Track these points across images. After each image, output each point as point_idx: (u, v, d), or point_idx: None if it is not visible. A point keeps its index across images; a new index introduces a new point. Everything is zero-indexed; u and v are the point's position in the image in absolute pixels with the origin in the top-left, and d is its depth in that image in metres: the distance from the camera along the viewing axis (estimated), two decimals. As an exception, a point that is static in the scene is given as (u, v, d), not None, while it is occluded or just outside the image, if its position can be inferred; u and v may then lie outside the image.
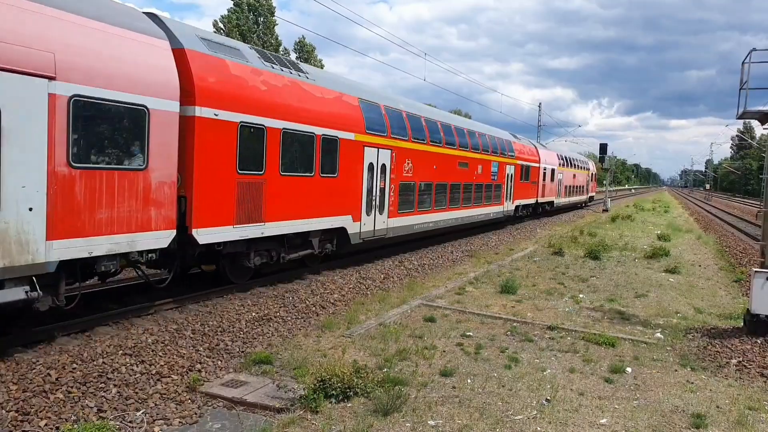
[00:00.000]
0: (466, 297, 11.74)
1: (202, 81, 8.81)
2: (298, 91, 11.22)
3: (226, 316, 8.93)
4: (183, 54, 8.63)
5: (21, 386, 5.86)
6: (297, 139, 11.01)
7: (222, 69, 9.35)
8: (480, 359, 7.84)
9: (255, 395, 6.32)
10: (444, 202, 18.81)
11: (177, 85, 8.21)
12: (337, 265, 13.68)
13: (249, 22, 47.99)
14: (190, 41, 8.93)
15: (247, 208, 9.81)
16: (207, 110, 8.87)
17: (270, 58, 11.11)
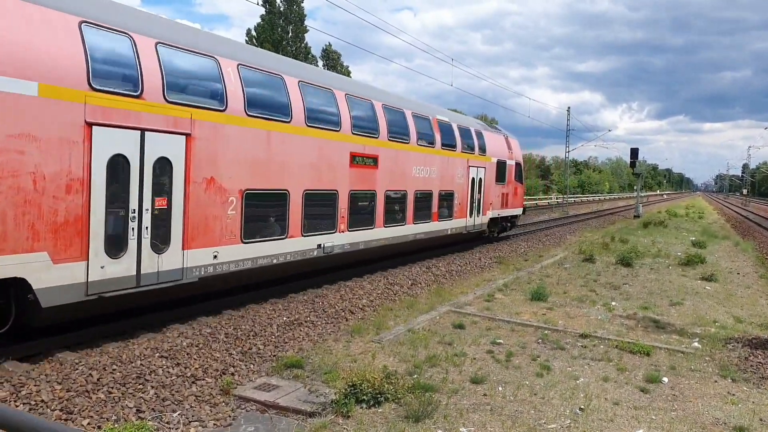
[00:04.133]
0: (495, 304, 11.66)
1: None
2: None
3: (258, 320, 9.07)
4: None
5: (65, 386, 6.06)
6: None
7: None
8: (511, 367, 7.78)
9: (287, 399, 6.40)
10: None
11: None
12: (365, 271, 13.74)
13: (280, 31, 48.78)
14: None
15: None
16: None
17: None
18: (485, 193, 19.77)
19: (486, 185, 19.82)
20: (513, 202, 22.74)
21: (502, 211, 21.74)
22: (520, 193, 23.58)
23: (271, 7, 48.69)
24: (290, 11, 49.49)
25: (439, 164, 16.35)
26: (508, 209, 22.46)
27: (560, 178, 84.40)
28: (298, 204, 10.78)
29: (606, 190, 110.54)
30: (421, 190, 15.42)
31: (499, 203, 21.16)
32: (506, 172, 21.75)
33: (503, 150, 21.70)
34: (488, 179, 20.01)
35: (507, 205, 22.17)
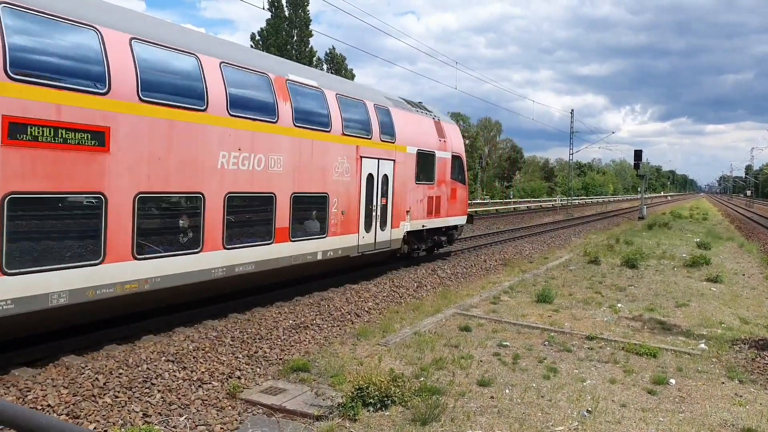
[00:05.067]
0: (501, 306, 11.63)
1: None
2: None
3: (264, 323, 9.07)
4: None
5: (71, 390, 6.07)
6: None
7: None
8: (518, 369, 7.75)
9: (293, 402, 6.39)
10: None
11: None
12: (372, 274, 13.73)
13: (285, 35, 48.98)
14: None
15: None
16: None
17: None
18: (396, 196, 13.79)
19: (398, 185, 13.86)
20: (449, 209, 16.79)
21: (430, 220, 15.53)
22: (462, 197, 17.71)
23: (277, 11, 48.88)
24: (296, 16, 49.69)
25: (289, 151, 10.31)
26: (441, 218, 16.22)
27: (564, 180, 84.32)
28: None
29: (610, 192, 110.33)
30: (244, 193, 9.42)
31: (423, 210, 15.12)
32: (435, 168, 15.75)
33: (430, 137, 15.64)
34: (402, 177, 14.06)
35: (438, 212, 16.02)
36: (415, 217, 14.94)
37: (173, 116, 8.14)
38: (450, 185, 16.88)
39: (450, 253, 18.48)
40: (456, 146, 17.38)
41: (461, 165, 17.71)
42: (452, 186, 17.06)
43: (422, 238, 15.91)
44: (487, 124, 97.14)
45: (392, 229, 13.97)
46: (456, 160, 17.27)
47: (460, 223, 18.11)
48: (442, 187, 16.40)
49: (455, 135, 17.61)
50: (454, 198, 17.21)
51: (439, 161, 16.15)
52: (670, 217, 42.03)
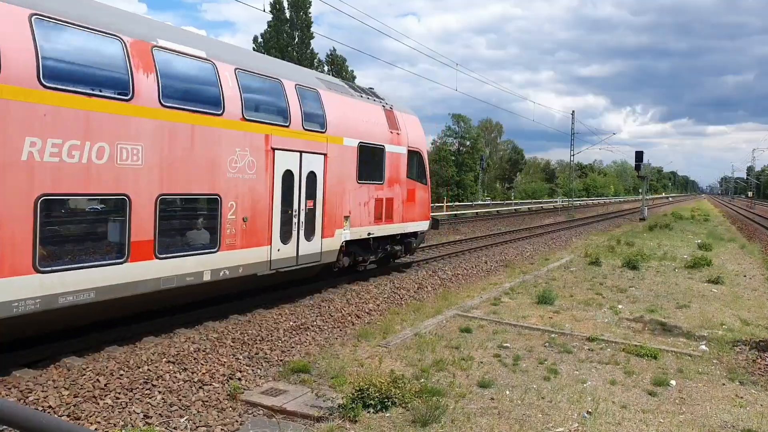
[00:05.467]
0: (501, 308, 11.63)
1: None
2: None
3: (264, 325, 9.08)
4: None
5: (72, 392, 6.08)
6: None
7: None
8: (518, 371, 7.76)
9: (294, 404, 6.40)
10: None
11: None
12: (372, 275, 13.74)
13: (286, 37, 49.08)
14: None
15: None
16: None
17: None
18: (329, 198, 11.26)
19: (331, 185, 11.29)
20: (406, 213, 14.23)
21: (379, 227, 13.02)
22: (422, 199, 15.08)
23: (278, 13, 48.96)
24: (297, 18, 49.75)
25: (153, 138, 7.84)
26: (395, 224, 13.71)
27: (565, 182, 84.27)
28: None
29: (611, 194, 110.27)
30: (71, 195, 7.03)
31: (369, 215, 12.66)
32: (385, 165, 13.26)
33: (378, 128, 13.13)
34: (338, 175, 11.48)
35: (390, 217, 13.47)
36: (357, 223, 12.21)
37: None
38: (406, 185, 14.22)
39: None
40: (414, 140, 14.76)
41: (421, 162, 15.11)
42: (409, 186, 14.40)
43: (369, 248, 13.09)
44: (488, 126, 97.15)
45: (324, 239, 11.15)
46: (414, 156, 14.66)
47: (420, 229, 15.19)
48: (396, 188, 13.78)
49: (413, 127, 14.96)
50: (412, 200, 14.56)
51: (391, 157, 13.52)
52: (672, 219, 42.00)
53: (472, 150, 76.26)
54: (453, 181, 71.66)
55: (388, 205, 13.47)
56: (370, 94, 13.88)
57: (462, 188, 72.92)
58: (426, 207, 15.51)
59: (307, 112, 10.81)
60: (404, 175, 14.21)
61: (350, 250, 12.35)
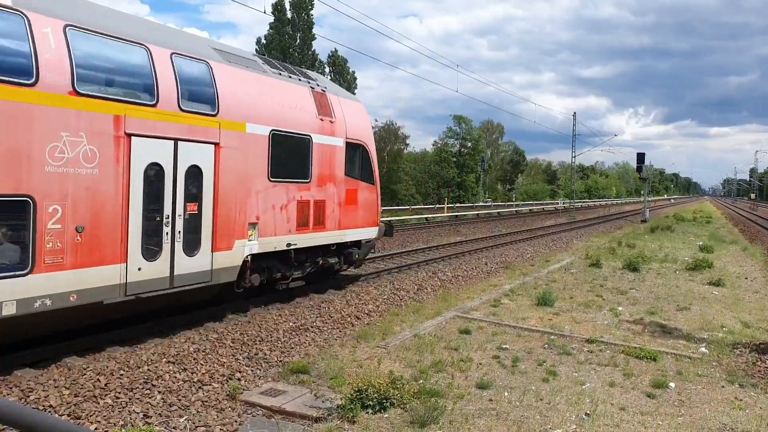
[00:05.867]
0: (501, 309, 11.65)
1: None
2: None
3: (264, 325, 9.10)
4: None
5: (73, 391, 6.11)
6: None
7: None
8: (517, 372, 7.77)
9: (293, 404, 6.42)
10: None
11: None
12: (372, 276, 13.76)
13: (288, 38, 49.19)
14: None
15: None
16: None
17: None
18: (224, 200, 8.89)
19: (228, 184, 8.93)
20: (345, 218, 11.78)
21: (304, 236, 10.58)
22: (367, 201, 12.56)
23: (280, 15, 49.07)
24: (299, 19, 49.85)
25: None
26: (327, 232, 11.25)
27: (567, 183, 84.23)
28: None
29: (613, 195, 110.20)
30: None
31: (288, 221, 10.16)
32: (312, 159, 10.75)
33: (302, 114, 10.61)
34: (238, 170, 9.10)
35: (321, 223, 11.06)
36: (271, 231, 9.74)
37: None
38: (344, 185, 11.69)
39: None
40: (356, 131, 12.18)
41: (367, 157, 12.52)
42: (349, 186, 11.87)
43: (291, 263, 10.59)
44: (489, 127, 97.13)
45: (216, 252, 8.70)
46: (356, 149, 12.16)
47: (366, 237, 12.64)
48: (329, 188, 11.23)
49: (356, 116, 12.39)
50: (353, 202, 12.01)
51: (322, 150, 10.94)
52: (673, 220, 41.95)
53: (473, 151, 76.28)
54: (454, 183, 71.68)
55: (318, 208, 10.93)
56: (295, 72, 11.25)
57: (463, 189, 72.92)
58: (373, 211, 12.83)
59: (189, 89, 8.45)
60: (341, 172, 11.61)
61: (263, 266, 9.91)
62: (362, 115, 12.89)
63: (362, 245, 12.73)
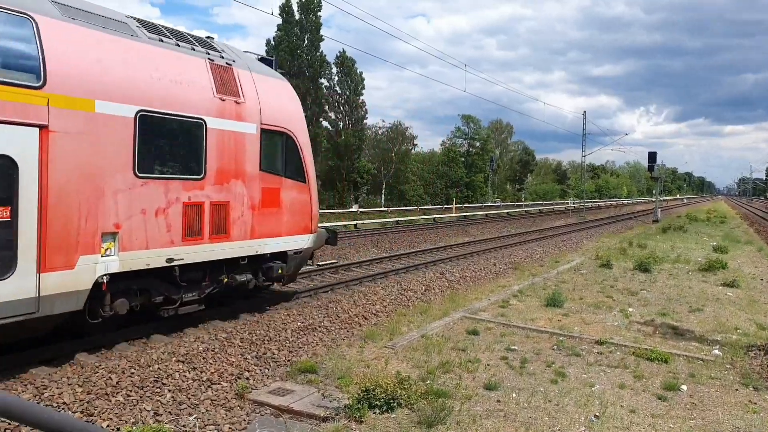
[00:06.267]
0: (510, 310, 11.60)
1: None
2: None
3: (272, 325, 9.14)
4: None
5: (85, 389, 6.18)
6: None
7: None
8: (525, 373, 7.74)
9: (301, 404, 6.44)
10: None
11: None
12: (380, 277, 13.77)
13: (296, 39, 49.35)
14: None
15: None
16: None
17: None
18: (59, 203, 6.72)
19: (65, 181, 6.78)
20: (260, 224, 9.50)
21: (197, 248, 8.42)
22: (296, 203, 10.25)
23: (288, 16, 49.24)
24: (307, 20, 50.01)
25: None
26: (234, 242, 9.02)
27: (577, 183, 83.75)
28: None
29: (624, 195, 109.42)
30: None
31: (170, 230, 8.02)
32: (206, 150, 8.57)
33: (193, 91, 8.42)
34: (82, 163, 6.96)
35: (223, 232, 8.83)
36: (140, 243, 7.61)
37: None
38: (260, 182, 9.38)
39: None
40: (276, 115, 9.75)
41: (294, 148, 10.15)
42: (267, 184, 9.53)
43: (177, 283, 8.33)
44: (498, 127, 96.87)
45: (45, 273, 6.59)
46: (277, 138, 9.82)
47: (294, 247, 10.21)
48: (235, 186, 8.94)
49: (277, 97, 9.96)
50: (274, 204, 9.68)
51: (222, 137, 8.70)
52: (686, 220, 41.55)
53: (481, 151, 76.10)
54: (462, 183, 71.52)
55: (218, 213, 8.63)
56: (188, 40, 8.84)
57: (471, 189, 72.76)
58: (305, 214, 10.35)
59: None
60: (255, 167, 9.27)
61: (133, 288, 7.88)
62: (287, 97, 10.33)
63: (289, 257, 10.09)
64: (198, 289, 8.79)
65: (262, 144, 9.44)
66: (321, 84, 52.19)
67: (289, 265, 10.24)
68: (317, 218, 10.88)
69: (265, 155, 9.55)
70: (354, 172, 57.81)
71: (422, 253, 19.05)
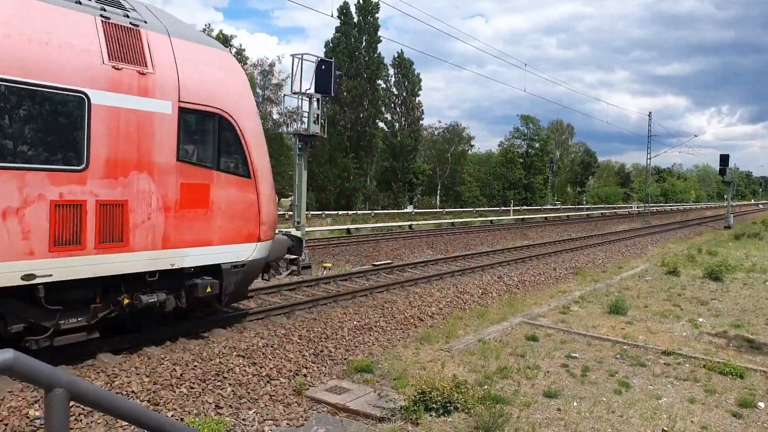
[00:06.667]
0: (570, 317, 11.25)
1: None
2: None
3: (329, 323, 9.25)
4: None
5: (152, 379, 6.45)
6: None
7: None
8: (587, 382, 7.47)
9: (357, 403, 6.48)
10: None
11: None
12: (435, 278, 13.68)
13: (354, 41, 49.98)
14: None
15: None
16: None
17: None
18: None
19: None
20: (182, 229, 7.37)
21: (82, 260, 6.40)
22: (233, 202, 7.96)
23: (346, 18, 49.91)
24: (365, 22, 50.53)
25: None
26: (137, 252, 6.89)
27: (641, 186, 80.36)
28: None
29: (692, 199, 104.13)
30: None
31: (27, 236, 5.97)
32: (89, 131, 6.45)
33: (67, 55, 6.29)
34: None
35: (122, 239, 6.71)
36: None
37: None
38: (178, 176, 7.29)
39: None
40: (205, 92, 7.60)
41: (233, 134, 7.95)
42: (190, 178, 7.46)
43: (44, 307, 6.35)
44: (558, 127, 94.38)
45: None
46: (206, 121, 7.74)
47: (233, 260, 8.00)
48: (138, 180, 6.89)
49: (205, 67, 7.75)
50: (200, 204, 7.59)
51: (114, 116, 6.67)
52: (762, 227, 39.01)
53: (541, 152, 74.42)
54: (520, 184, 70.16)
55: (108, 215, 6.62)
56: None
57: (530, 191, 71.27)
58: (249, 218, 8.14)
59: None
60: (169, 156, 7.17)
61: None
62: (224, 70, 8.04)
63: (225, 272, 7.91)
64: (84, 314, 6.72)
65: (181, 127, 7.31)
66: (378, 85, 52.56)
67: (228, 282, 7.98)
68: (272, 223, 8.53)
69: (187, 142, 7.51)
70: (409, 172, 57.88)
71: (479, 256, 18.80)
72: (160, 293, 7.34)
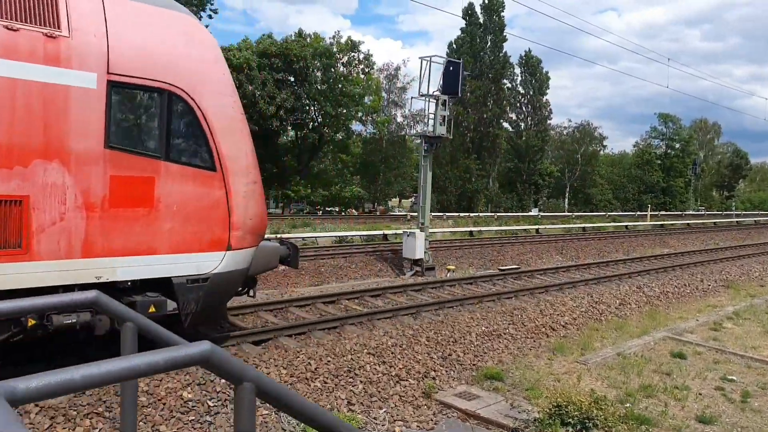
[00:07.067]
0: (723, 334, 10.10)
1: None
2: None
3: (457, 327, 9.16)
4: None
5: (289, 371, 6.82)
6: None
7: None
8: (748, 409, 6.63)
9: (488, 411, 6.32)
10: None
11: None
12: (567, 286, 13.01)
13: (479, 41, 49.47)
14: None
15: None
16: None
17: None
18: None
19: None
20: (113, 235, 5.90)
21: None
22: (191, 200, 6.36)
23: (471, 18, 49.52)
24: (490, 21, 49.78)
25: None
26: (37, 261, 5.47)
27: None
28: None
29: None
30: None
31: None
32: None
33: None
34: None
35: (19, 245, 5.37)
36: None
37: None
38: (105, 166, 5.86)
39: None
40: (144, 61, 6.08)
41: (191, 116, 6.45)
42: (120, 170, 5.97)
43: None
44: (702, 126, 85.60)
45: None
46: (150, 98, 6.31)
47: (190, 273, 6.46)
48: (45, 171, 5.52)
49: (150, 31, 6.22)
50: (140, 202, 6.11)
51: (7, 90, 5.27)
52: None
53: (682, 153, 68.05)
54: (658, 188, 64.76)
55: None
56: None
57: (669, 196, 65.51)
58: (214, 220, 6.57)
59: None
60: (93, 142, 5.78)
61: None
62: (179, 36, 6.47)
63: (179, 288, 6.40)
64: None
65: (111, 106, 5.90)
66: (503, 85, 51.44)
67: (184, 299, 6.43)
68: (250, 227, 6.89)
69: (121, 125, 6.12)
70: (535, 174, 55.93)
71: (614, 264, 17.58)
72: (83, 313, 5.71)
